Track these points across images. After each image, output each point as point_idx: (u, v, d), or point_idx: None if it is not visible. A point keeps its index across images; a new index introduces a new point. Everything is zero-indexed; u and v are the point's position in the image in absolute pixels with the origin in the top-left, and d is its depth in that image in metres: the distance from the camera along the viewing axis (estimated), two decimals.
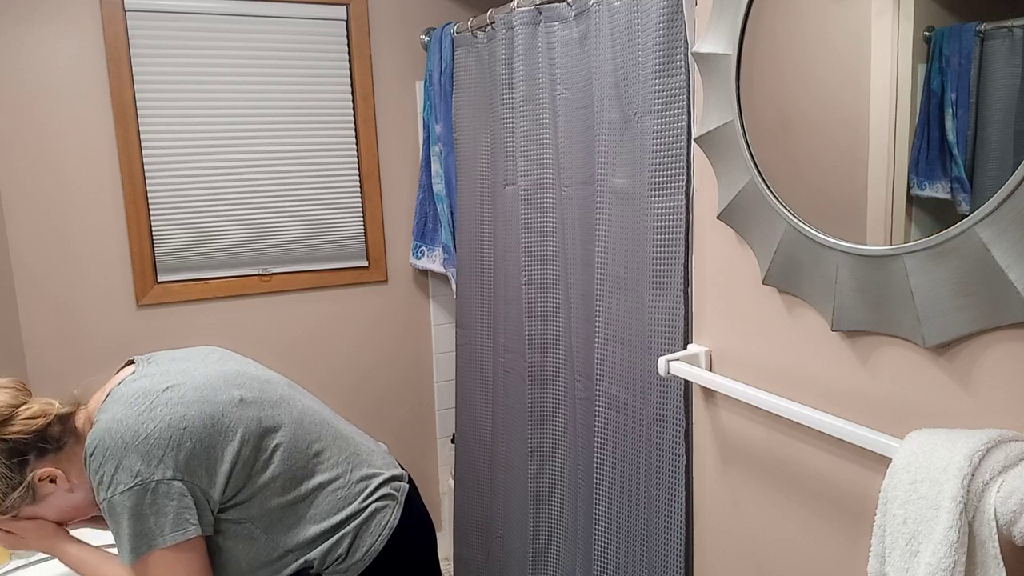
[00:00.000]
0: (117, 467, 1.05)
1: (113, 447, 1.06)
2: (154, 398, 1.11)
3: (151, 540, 1.06)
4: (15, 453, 1.09)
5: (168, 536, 1.06)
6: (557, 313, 1.84)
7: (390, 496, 1.29)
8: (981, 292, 0.84)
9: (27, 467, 1.10)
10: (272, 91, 2.30)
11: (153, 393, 1.12)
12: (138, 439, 1.07)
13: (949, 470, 0.80)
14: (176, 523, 1.07)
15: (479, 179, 2.12)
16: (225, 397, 1.16)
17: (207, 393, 1.15)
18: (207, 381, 1.17)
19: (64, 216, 2.13)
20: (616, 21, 1.48)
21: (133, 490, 1.05)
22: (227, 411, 1.14)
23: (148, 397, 1.11)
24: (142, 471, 1.05)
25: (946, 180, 0.90)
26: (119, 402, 1.11)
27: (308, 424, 1.24)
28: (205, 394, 1.14)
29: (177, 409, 1.10)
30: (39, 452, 1.11)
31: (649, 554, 1.51)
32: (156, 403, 1.10)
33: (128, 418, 1.08)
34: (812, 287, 1.06)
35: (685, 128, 1.35)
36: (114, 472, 1.05)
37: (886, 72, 0.95)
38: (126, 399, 1.11)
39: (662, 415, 1.45)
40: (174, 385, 1.14)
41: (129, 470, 1.05)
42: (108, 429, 1.08)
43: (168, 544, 1.06)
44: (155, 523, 1.06)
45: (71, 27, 2.07)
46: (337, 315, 2.49)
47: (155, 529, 1.06)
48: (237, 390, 1.18)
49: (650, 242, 1.43)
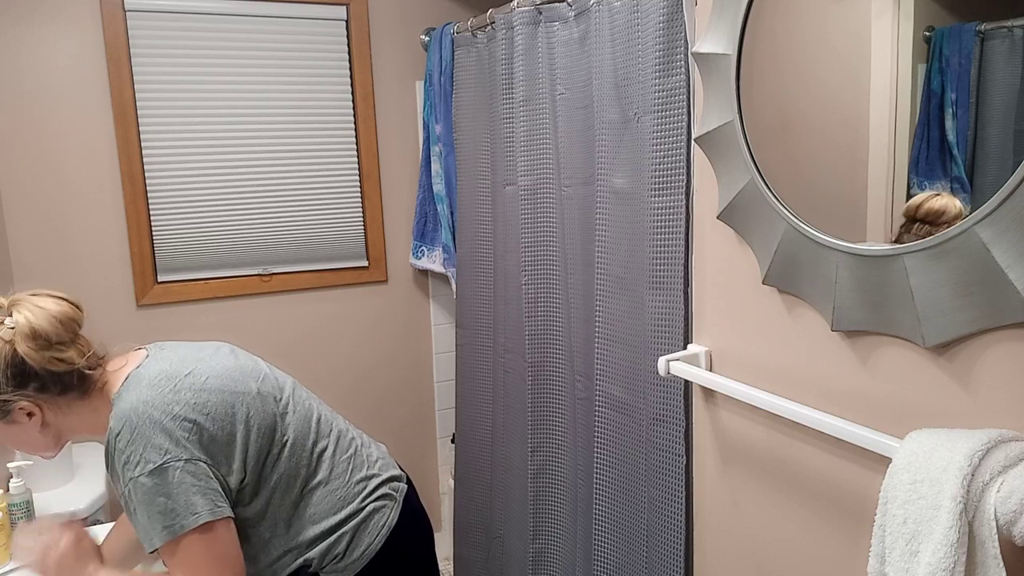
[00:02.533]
0: (146, 445, 1.05)
1: (141, 426, 1.05)
2: (178, 381, 1.11)
3: (184, 518, 1.04)
4: (21, 374, 1.08)
5: (202, 514, 1.05)
6: (557, 313, 1.84)
7: (388, 496, 1.29)
8: (981, 292, 0.84)
9: (20, 390, 1.09)
10: (272, 91, 2.30)
11: (176, 377, 1.12)
12: (165, 419, 1.06)
13: (949, 470, 0.80)
14: (207, 501, 1.06)
15: (479, 179, 2.12)
16: (243, 388, 1.16)
17: (227, 383, 1.15)
18: (226, 371, 1.17)
19: (64, 216, 2.13)
20: (616, 21, 1.48)
21: (163, 468, 1.04)
22: (245, 402, 1.15)
23: (172, 380, 1.11)
24: (171, 450, 1.05)
25: (946, 180, 0.90)
26: (142, 383, 1.10)
27: (313, 423, 1.25)
28: (225, 383, 1.15)
29: (200, 395, 1.11)
30: (41, 387, 1.10)
31: (649, 554, 1.51)
32: (180, 387, 1.10)
33: (154, 399, 1.08)
34: (812, 287, 1.06)
35: (685, 128, 1.35)
36: (143, 451, 1.04)
37: (886, 72, 0.95)
38: (149, 381, 1.11)
39: (662, 415, 1.45)
40: (195, 372, 1.14)
41: (158, 448, 1.05)
42: (134, 409, 1.07)
43: (202, 522, 1.05)
44: (186, 501, 1.05)
45: (71, 27, 2.07)
46: (337, 315, 2.49)
47: (187, 507, 1.05)
48: (254, 383, 1.19)
49: (650, 242, 1.43)
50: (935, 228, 0.89)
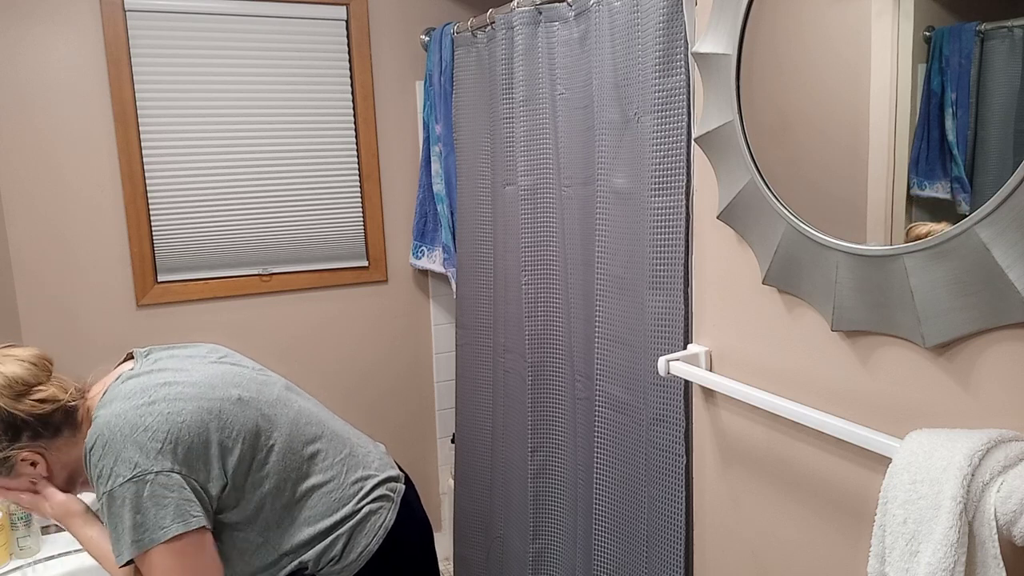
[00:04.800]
0: (116, 460, 1.05)
1: (112, 440, 1.06)
2: (152, 392, 1.11)
3: (152, 532, 1.05)
4: (11, 428, 1.09)
5: (171, 527, 1.05)
6: (557, 313, 1.84)
7: (385, 497, 1.28)
8: (981, 292, 0.84)
9: (16, 443, 1.11)
10: (272, 91, 2.30)
11: (151, 388, 1.12)
12: (136, 432, 1.06)
13: (949, 470, 0.80)
14: (178, 514, 1.06)
15: (479, 179, 2.12)
16: (223, 395, 1.16)
17: (205, 390, 1.15)
18: (205, 379, 1.17)
19: (64, 216, 2.13)
20: (616, 21, 1.48)
21: (132, 481, 1.05)
22: (224, 408, 1.14)
23: (146, 392, 1.11)
24: (140, 463, 1.05)
25: (946, 180, 0.90)
26: (117, 398, 1.11)
27: (304, 425, 1.24)
28: (203, 391, 1.14)
29: (175, 404, 1.11)
30: (34, 434, 1.11)
31: (649, 554, 1.51)
32: (154, 398, 1.11)
33: (126, 412, 1.08)
34: (812, 287, 1.06)
35: (685, 128, 1.35)
36: (113, 465, 1.05)
37: (886, 72, 0.95)
38: (124, 394, 1.11)
39: (662, 415, 1.45)
40: (172, 382, 1.14)
41: (128, 462, 1.05)
42: (107, 423, 1.08)
43: (171, 535, 1.05)
44: (156, 515, 1.05)
45: (71, 27, 2.07)
46: (337, 315, 2.49)
47: (156, 521, 1.05)
48: (235, 389, 1.18)
49: (650, 242, 1.43)
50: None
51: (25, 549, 1.55)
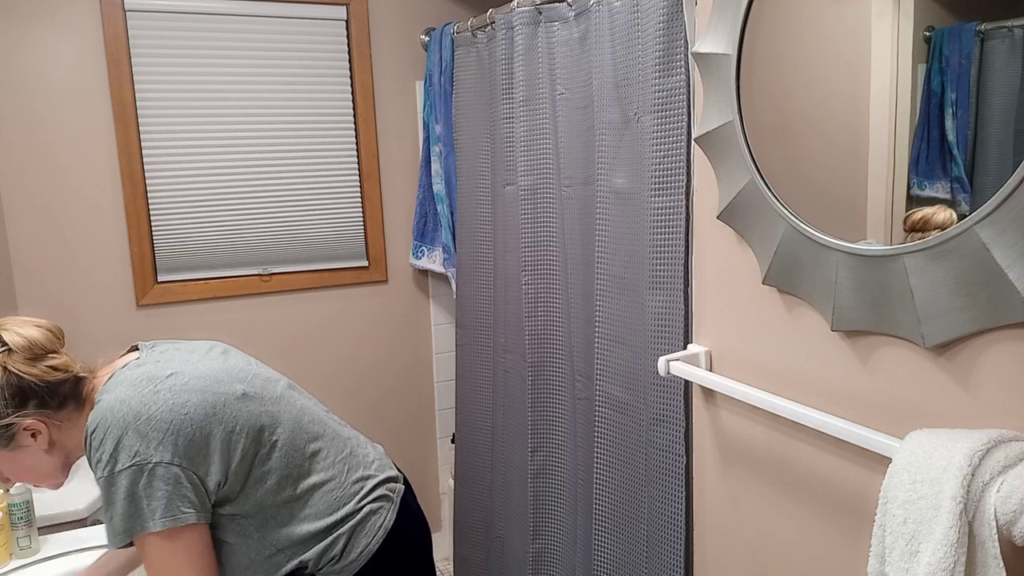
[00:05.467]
0: (117, 445, 1.05)
1: (114, 425, 1.06)
2: (158, 383, 1.11)
3: (142, 523, 1.05)
4: (19, 392, 1.08)
5: (158, 521, 1.05)
6: (557, 313, 1.84)
7: (385, 497, 1.29)
8: (981, 292, 0.84)
9: (21, 410, 1.09)
10: (272, 91, 2.30)
11: (157, 378, 1.12)
12: (139, 420, 1.06)
13: (949, 470, 0.80)
14: (167, 509, 1.06)
15: (479, 179, 2.12)
16: (227, 389, 1.16)
17: (210, 384, 1.15)
18: (211, 372, 1.17)
19: (64, 216, 2.13)
20: (616, 21, 1.48)
21: (130, 469, 1.05)
22: (228, 403, 1.15)
23: (152, 381, 1.11)
24: (140, 451, 1.05)
25: (946, 180, 0.90)
26: (123, 384, 1.11)
27: (306, 424, 1.24)
28: (208, 384, 1.15)
29: (180, 395, 1.11)
30: (40, 402, 1.10)
31: (649, 554, 1.51)
32: (160, 387, 1.10)
33: (131, 399, 1.08)
34: (812, 287, 1.06)
35: (685, 128, 1.35)
36: (113, 450, 1.05)
37: (886, 72, 0.95)
38: (130, 381, 1.11)
39: (662, 415, 1.45)
40: (178, 372, 1.14)
41: (128, 449, 1.05)
42: (110, 408, 1.07)
43: (158, 529, 1.05)
44: (147, 506, 1.05)
45: (71, 27, 2.07)
46: (337, 315, 2.49)
47: (147, 512, 1.05)
48: (240, 384, 1.18)
49: (650, 242, 1.43)
50: (926, 233, 0.90)
51: (25, 549, 1.55)
